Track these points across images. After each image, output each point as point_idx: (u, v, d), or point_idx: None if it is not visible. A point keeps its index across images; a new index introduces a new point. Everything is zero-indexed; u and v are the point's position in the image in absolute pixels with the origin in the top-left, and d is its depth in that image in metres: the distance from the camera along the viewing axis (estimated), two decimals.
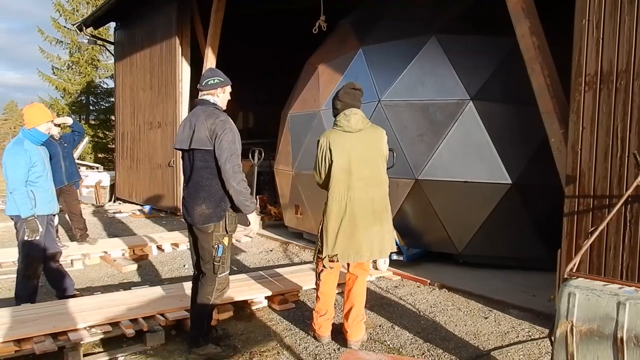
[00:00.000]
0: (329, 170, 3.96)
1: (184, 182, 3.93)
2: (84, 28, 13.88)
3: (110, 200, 14.08)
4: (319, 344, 4.09)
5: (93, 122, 25.95)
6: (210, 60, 10.14)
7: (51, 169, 5.14)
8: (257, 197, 9.55)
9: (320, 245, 4.02)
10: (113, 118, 19.26)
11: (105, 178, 14.11)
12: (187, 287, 4.97)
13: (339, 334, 4.16)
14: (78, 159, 15.21)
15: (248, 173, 4.39)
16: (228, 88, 3.97)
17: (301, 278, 5.47)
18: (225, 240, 3.77)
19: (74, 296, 5.04)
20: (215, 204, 3.70)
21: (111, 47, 15.69)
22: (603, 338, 2.52)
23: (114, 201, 14.09)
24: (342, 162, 3.91)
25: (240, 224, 4.11)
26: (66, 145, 7.39)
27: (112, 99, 21.51)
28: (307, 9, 7.80)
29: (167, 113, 11.45)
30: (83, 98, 26.15)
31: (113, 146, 19.25)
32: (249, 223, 3.92)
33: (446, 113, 6.09)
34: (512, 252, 6.08)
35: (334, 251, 3.90)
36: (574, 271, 2.88)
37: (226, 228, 3.75)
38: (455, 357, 3.89)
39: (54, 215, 5.14)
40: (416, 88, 6.33)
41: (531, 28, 4.58)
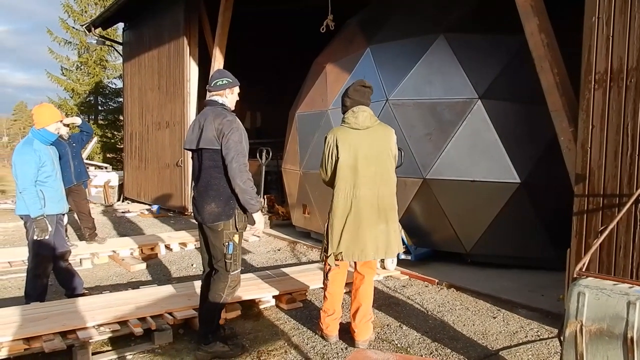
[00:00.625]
0: (335, 167, 3.94)
1: (194, 182, 3.96)
2: (93, 29, 13.95)
3: (118, 200, 14.15)
4: (327, 344, 4.09)
5: (102, 122, 26.09)
6: (218, 60, 10.17)
7: (61, 169, 5.16)
8: (265, 197, 9.57)
9: (326, 243, 4.01)
10: (121, 118, 19.36)
11: (113, 178, 14.18)
12: (196, 287, 4.99)
13: (347, 334, 4.15)
14: (87, 159, 15.30)
15: (256, 173, 4.41)
16: (236, 89, 4.00)
17: (309, 277, 5.46)
18: (235, 237, 3.79)
19: (83, 295, 5.07)
20: (224, 203, 3.73)
21: (119, 48, 15.77)
22: (613, 338, 2.50)
23: (123, 201, 14.15)
24: (349, 159, 3.88)
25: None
26: (75, 145, 7.42)
27: (121, 99, 21.63)
28: (315, 8, 7.80)
29: (175, 113, 11.49)
30: (92, 98, 26.29)
31: (121, 146, 19.36)
32: (254, 222, 3.94)
33: (454, 112, 6.07)
34: (521, 252, 6.05)
35: (339, 249, 3.89)
36: (584, 270, 2.86)
37: (236, 226, 3.78)
38: (463, 357, 3.87)
39: (63, 214, 5.17)
40: (424, 87, 6.31)
41: (540, 26, 4.54)
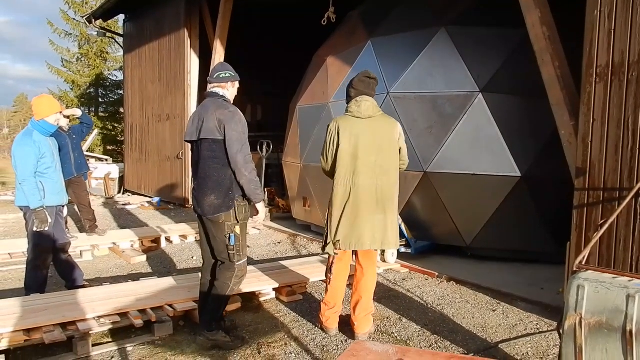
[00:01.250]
0: (336, 154, 3.95)
1: (193, 174, 3.95)
2: (93, 20, 13.92)
3: (119, 192, 14.15)
4: (327, 336, 4.10)
5: (102, 115, 26.02)
6: (219, 52, 10.14)
7: (60, 161, 5.16)
8: (266, 190, 9.56)
9: (326, 232, 4.02)
10: (122, 110, 19.34)
11: (114, 170, 14.17)
12: (196, 279, 5.00)
13: (347, 326, 4.16)
14: (87, 151, 15.29)
15: (256, 165, 4.43)
16: (237, 84, 4.04)
17: (309, 270, 5.47)
18: (237, 229, 3.79)
19: (83, 287, 5.08)
20: (224, 194, 3.73)
21: (120, 40, 15.72)
22: (612, 331, 2.50)
23: (123, 193, 14.16)
24: (349, 147, 3.90)
25: None
26: (75, 137, 7.42)
27: (121, 92, 21.58)
28: (316, 1, 7.77)
29: (176, 105, 11.47)
30: (92, 90, 26.22)
31: (122, 138, 19.35)
32: (257, 212, 3.94)
33: (455, 105, 6.06)
34: (521, 245, 6.06)
35: (337, 237, 3.91)
36: (583, 264, 2.86)
37: (236, 217, 3.78)
38: (463, 350, 3.88)
39: (63, 206, 5.17)
40: (425, 80, 6.30)
41: (542, 18, 4.53)
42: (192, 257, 6.82)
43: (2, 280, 5.85)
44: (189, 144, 4.01)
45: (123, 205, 11.72)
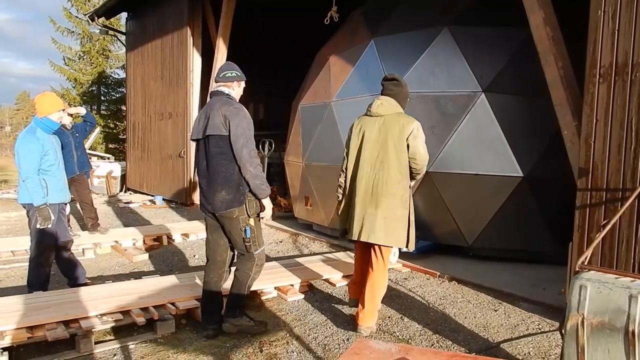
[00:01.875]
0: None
1: (198, 172, 4.00)
2: (96, 18, 13.93)
3: (121, 190, 14.17)
4: (328, 334, 4.11)
5: (104, 113, 26.04)
6: (221, 50, 10.14)
7: (63, 159, 5.18)
8: None
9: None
10: (124, 108, 19.35)
11: (116, 168, 14.18)
12: (198, 277, 5.02)
13: (350, 324, 4.18)
14: (89, 149, 15.30)
15: None
16: (243, 84, 4.12)
17: (311, 269, 5.47)
18: (251, 221, 3.89)
19: (85, 285, 5.09)
20: (234, 189, 3.80)
21: (122, 38, 15.70)
22: (614, 331, 2.50)
23: (125, 191, 14.17)
24: (357, 142, 4.19)
25: None
26: (78, 135, 7.43)
27: (123, 90, 21.60)
28: (319, 0, 7.77)
29: (178, 104, 11.47)
30: (94, 88, 26.25)
31: (124, 137, 19.35)
32: (264, 208, 3.98)
33: (458, 105, 6.05)
34: (523, 246, 6.05)
35: (341, 225, 4.30)
36: (586, 264, 2.86)
37: (247, 212, 3.86)
38: (464, 349, 3.89)
39: (66, 204, 5.18)
40: (428, 80, 6.29)
41: (545, 19, 4.52)
42: (194, 256, 6.82)
43: (5, 277, 5.86)
44: (194, 143, 4.06)
45: (125, 203, 11.73)
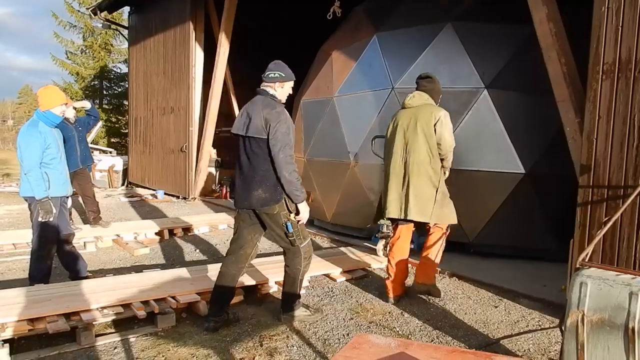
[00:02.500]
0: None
1: (237, 167, 4.03)
2: (98, 12, 13.92)
3: (123, 184, 14.19)
4: (329, 329, 4.11)
5: (106, 107, 26.07)
6: (223, 45, 10.14)
7: (66, 152, 5.18)
8: None
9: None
10: (126, 103, 19.36)
11: (118, 162, 14.21)
12: (198, 271, 5.04)
13: (355, 315, 4.22)
14: (92, 143, 15.31)
15: None
16: (288, 84, 4.12)
17: (311, 264, 5.46)
18: (291, 216, 3.96)
19: (87, 278, 5.10)
20: (272, 188, 3.85)
21: (125, 32, 15.72)
22: (614, 328, 2.50)
23: (127, 185, 14.20)
24: (392, 131, 4.75)
25: None
26: (80, 128, 7.43)
27: (126, 84, 21.60)
28: None
29: (180, 98, 11.47)
30: (96, 82, 26.26)
31: (126, 131, 19.37)
32: (299, 212, 4.01)
33: (460, 101, 6.05)
34: (524, 242, 6.05)
35: (384, 207, 4.76)
36: (586, 261, 2.86)
37: (288, 208, 3.93)
38: (464, 345, 3.89)
39: (68, 197, 5.19)
40: None
41: (549, 15, 4.51)
42: (195, 250, 6.83)
43: (7, 270, 5.88)
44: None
45: (127, 197, 11.75)
